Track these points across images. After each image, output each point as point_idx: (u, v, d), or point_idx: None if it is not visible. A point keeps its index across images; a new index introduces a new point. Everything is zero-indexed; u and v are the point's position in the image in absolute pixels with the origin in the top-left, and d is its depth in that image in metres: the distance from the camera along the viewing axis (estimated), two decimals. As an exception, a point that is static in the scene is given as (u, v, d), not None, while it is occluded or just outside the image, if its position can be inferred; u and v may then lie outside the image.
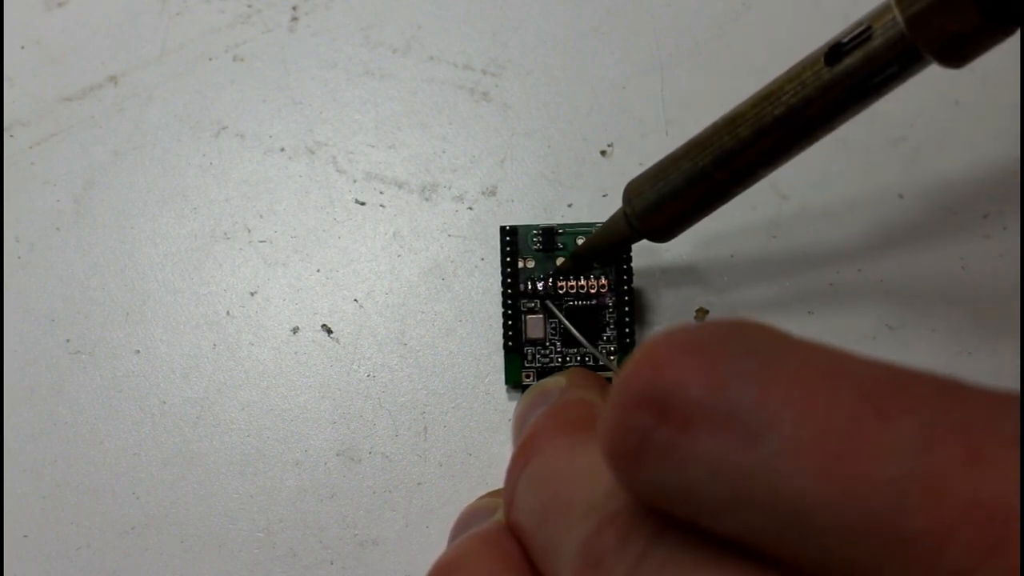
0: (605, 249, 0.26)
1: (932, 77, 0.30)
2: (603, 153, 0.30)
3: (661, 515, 0.14)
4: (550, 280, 0.27)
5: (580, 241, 0.27)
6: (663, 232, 0.25)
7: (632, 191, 0.25)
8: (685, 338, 0.13)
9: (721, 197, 0.24)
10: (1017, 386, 0.26)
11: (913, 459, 0.11)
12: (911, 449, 0.12)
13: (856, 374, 0.12)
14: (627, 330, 0.27)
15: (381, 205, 0.30)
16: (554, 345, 0.27)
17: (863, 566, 0.12)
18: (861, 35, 0.20)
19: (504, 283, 0.27)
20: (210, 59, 0.32)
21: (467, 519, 0.24)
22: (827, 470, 0.12)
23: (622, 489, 0.15)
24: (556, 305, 0.27)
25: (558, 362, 0.27)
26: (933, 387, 0.12)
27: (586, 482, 0.16)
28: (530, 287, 0.27)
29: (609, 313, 0.27)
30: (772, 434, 0.12)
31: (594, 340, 0.27)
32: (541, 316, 0.27)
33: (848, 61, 0.21)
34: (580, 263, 0.27)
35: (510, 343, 0.27)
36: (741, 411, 0.12)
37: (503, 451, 0.28)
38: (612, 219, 0.26)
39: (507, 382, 0.28)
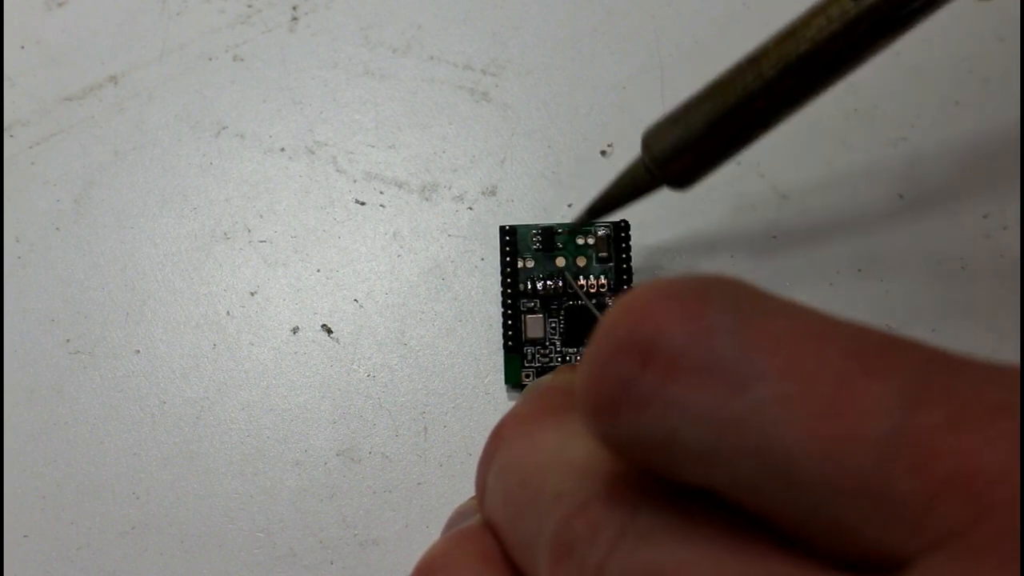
0: (622, 199, 0.25)
1: (932, 77, 0.30)
2: (603, 153, 0.30)
3: (632, 498, 0.14)
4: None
5: (579, 241, 0.27)
6: (684, 178, 0.24)
7: (650, 137, 0.24)
8: (668, 287, 0.13)
9: (745, 140, 0.23)
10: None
11: (900, 418, 0.11)
12: (898, 407, 0.11)
13: (844, 333, 0.12)
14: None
15: (381, 205, 0.30)
16: (554, 345, 0.27)
17: (846, 524, 0.12)
18: None
19: (504, 283, 0.27)
20: (210, 59, 0.32)
21: (455, 520, 0.23)
22: (813, 425, 0.12)
23: (595, 462, 0.14)
24: (558, 303, 0.27)
25: (558, 362, 0.27)
26: (921, 351, 0.12)
27: (553, 469, 0.16)
28: (530, 287, 0.27)
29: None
30: (759, 384, 0.12)
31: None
32: (540, 316, 0.27)
33: None
34: (596, 216, 0.26)
35: (510, 343, 0.27)
36: (727, 360, 0.12)
37: (478, 459, 0.28)
38: (629, 168, 0.25)
39: (507, 382, 0.28)
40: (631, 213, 0.28)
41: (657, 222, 0.29)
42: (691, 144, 0.23)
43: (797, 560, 0.12)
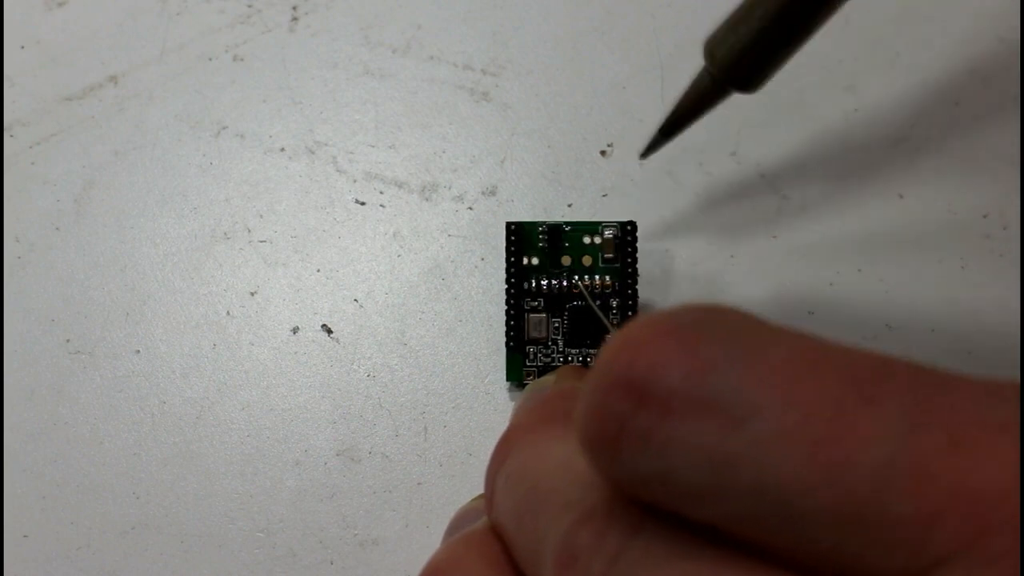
0: (692, 113, 0.25)
1: (932, 77, 0.30)
2: (603, 153, 0.30)
3: (638, 510, 0.14)
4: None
5: (586, 241, 0.27)
6: (753, 77, 0.24)
7: (714, 44, 0.24)
8: (664, 323, 0.13)
9: (809, 27, 0.23)
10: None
11: (898, 444, 0.11)
12: (896, 434, 0.11)
13: (840, 360, 0.12)
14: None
15: (381, 205, 0.30)
16: (556, 345, 0.27)
17: (846, 552, 0.12)
18: None
19: (508, 280, 0.27)
20: (210, 59, 0.32)
21: (459, 521, 0.23)
22: (812, 455, 0.12)
23: (599, 479, 0.14)
24: (561, 303, 0.27)
25: (559, 361, 0.27)
26: (918, 374, 0.12)
27: (561, 478, 0.16)
28: (534, 285, 0.27)
29: (612, 313, 0.27)
30: (755, 420, 0.12)
31: (597, 341, 0.27)
32: (544, 316, 0.27)
33: None
34: (669, 135, 0.26)
35: (511, 342, 0.27)
36: (723, 396, 0.12)
37: (487, 463, 0.28)
38: (695, 83, 0.25)
39: (508, 379, 0.28)
40: (636, 213, 0.28)
41: (658, 223, 0.29)
42: (756, 42, 0.23)
43: None
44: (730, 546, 0.13)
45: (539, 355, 0.27)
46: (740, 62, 0.24)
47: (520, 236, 0.27)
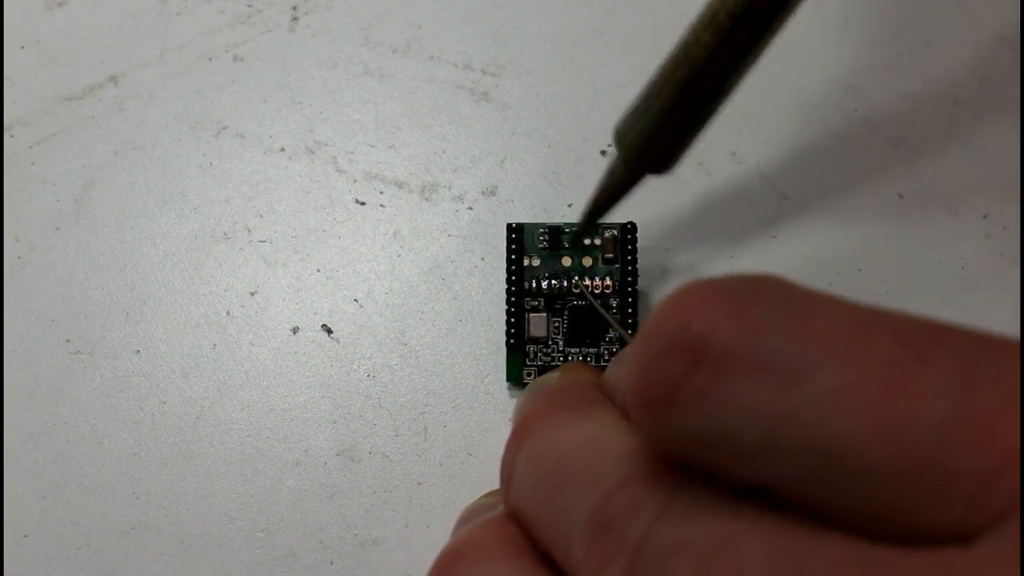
0: (612, 198, 0.25)
1: (932, 77, 0.30)
2: (603, 153, 0.30)
3: (676, 477, 0.14)
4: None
5: (586, 241, 0.27)
6: (663, 160, 0.24)
7: (623, 131, 0.24)
8: (715, 285, 0.13)
9: (709, 107, 0.23)
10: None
11: (956, 400, 0.11)
12: (954, 390, 0.12)
13: (893, 323, 0.12)
14: (630, 332, 0.27)
15: (381, 205, 0.30)
16: (556, 344, 0.27)
17: (901, 507, 0.12)
18: None
19: (509, 280, 0.27)
20: (210, 59, 0.32)
21: (468, 515, 0.24)
22: (869, 412, 0.12)
23: (638, 446, 0.14)
24: (562, 303, 0.27)
25: (560, 361, 0.27)
26: (970, 336, 0.12)
27: (587, 453, 0.16)
28: (534, 285, 0.27)
29: (613, 313, 0.27)
30: (811, 378, 0.12)
31: (597, 341, 0.27)
32: (544, 315, 0.27)
33: None
34: (594, 220, 0.26)
35: (512, 340, 0.27)
36: (778, 356, 0.12)
37: (503, 451, 0.28)
38: (610, 170, 0.25)
39: (508, 379, 0.28)
40: (636, 213, 0.28)
41: (658, 223, 0.29)
42: (661, 125, 0.23)
43: (847, 535, 0.12)
44: (773, 505, 0.13)
45: (539, 355, 0.27)
46: (650, 147, 0.23)
47: (520, 237, 0.27)
